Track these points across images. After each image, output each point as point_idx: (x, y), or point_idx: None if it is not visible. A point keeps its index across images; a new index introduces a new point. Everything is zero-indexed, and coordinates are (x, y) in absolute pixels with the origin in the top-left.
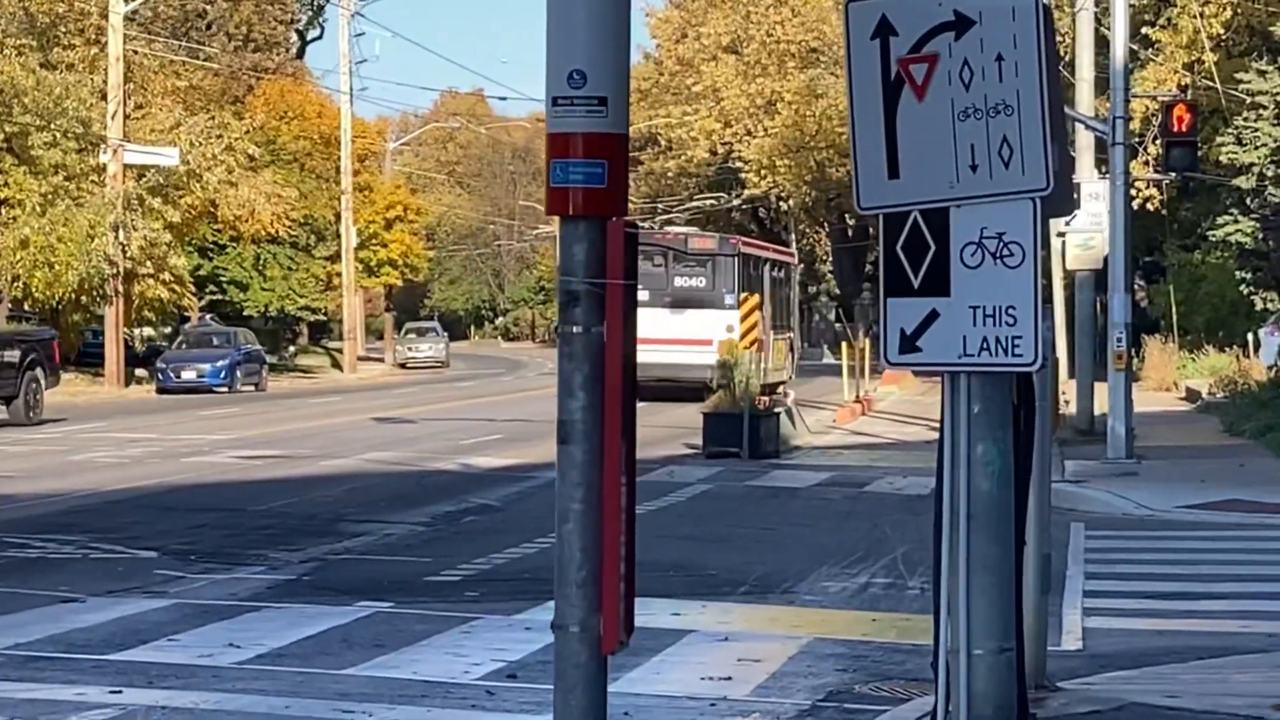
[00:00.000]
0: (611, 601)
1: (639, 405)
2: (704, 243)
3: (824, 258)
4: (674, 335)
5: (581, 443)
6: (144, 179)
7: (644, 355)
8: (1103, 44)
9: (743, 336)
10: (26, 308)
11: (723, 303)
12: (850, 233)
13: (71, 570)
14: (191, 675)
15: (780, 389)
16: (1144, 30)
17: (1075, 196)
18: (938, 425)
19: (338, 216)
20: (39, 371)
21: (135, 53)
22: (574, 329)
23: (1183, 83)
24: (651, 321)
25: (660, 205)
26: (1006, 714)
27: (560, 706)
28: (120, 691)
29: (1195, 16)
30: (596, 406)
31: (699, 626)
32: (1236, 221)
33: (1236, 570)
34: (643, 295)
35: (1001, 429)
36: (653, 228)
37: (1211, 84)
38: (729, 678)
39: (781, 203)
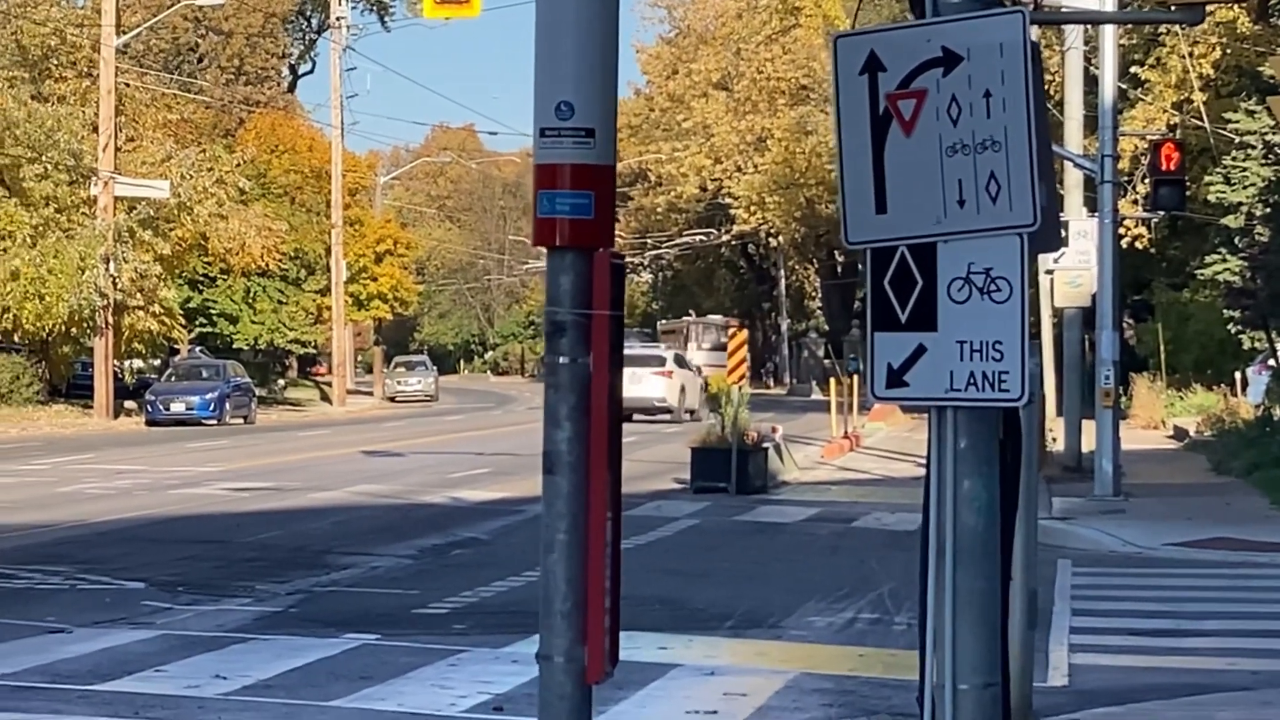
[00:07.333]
0: (596, 631)
1: (628, 439)
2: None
3: (813, 294)
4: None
5: (567, 473)
6: (135, 211)
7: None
8: (1092, 83)
9: (731, 371)
10: (16, 340)
11: None
12: (839, 269)
13: (58, 601)
14: (177, 706)
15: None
16: (1133, 69)
17: (1063, 234)
18: (924, 461)
19: (328, 250)
20: None
21: (127, 85)
22: (560, 359)
23: (1171, 122)
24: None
25: (649, 240)
26: None
27: None
28: None
29: (1184, 56)
30: (582, 437)
31: (685, 660)
32: (1225, 260)
33: (1222, 608)
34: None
35: (988, 464)
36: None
37: (1200, 123)
38: (714, 712)
39: (771, 239)
